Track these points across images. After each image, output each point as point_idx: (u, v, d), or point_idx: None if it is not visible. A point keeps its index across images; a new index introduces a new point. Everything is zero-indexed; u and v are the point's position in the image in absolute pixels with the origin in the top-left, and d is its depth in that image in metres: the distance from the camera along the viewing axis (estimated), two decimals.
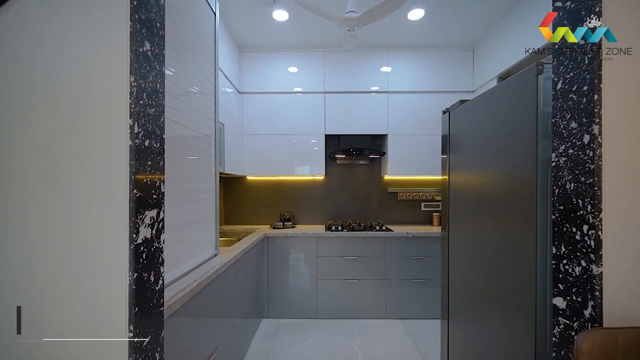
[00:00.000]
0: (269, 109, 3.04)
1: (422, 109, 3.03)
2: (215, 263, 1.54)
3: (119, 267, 0.79)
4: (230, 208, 3.35)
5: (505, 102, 1.24)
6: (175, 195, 1.19)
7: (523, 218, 1.12)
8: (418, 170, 3.02)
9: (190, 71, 1.30)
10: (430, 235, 2.70)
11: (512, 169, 1.20)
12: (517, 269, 1.15)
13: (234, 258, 1.80)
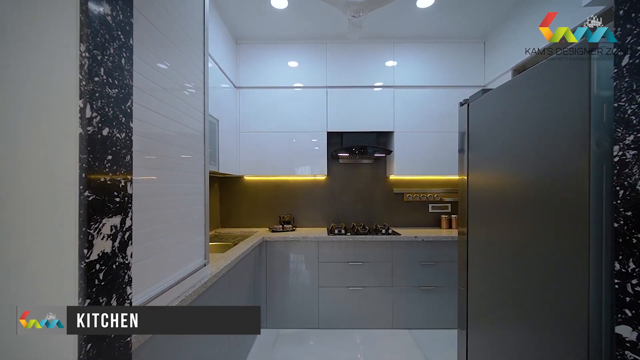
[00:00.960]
0: (268, 104, 2.86)
1: (430, 104, 2.85)
2: (205, 274, 1.35)
3: (65, 293, 0.60)
4: (226, 210, 3.17)
5: (541, 88, 1.06)
6: (155, 198, 1.01)
7: (567, 224, 0.94)
8: (426, 169, 2.84)
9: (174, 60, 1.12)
10: (441, 239, 2.52)
11: (551, 166, 1.01)
12: (560, 282, 0.97)
13: (227, 267, 1.62)
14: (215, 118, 2.28)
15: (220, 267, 1.54)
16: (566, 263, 0.95)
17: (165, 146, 1.07)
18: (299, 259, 2.57)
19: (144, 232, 0.95)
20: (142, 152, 0.94)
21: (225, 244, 2.42)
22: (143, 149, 0.94)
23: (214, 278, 1.41)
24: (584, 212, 0.87)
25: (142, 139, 0.94)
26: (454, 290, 2.52)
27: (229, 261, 1.70)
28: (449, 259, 2.54)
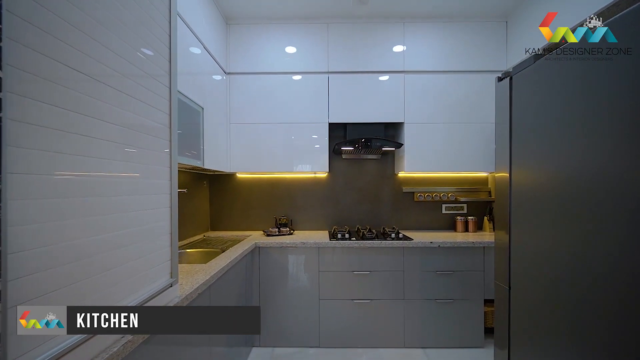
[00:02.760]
0: (262, 92, 2.54)
1: (445, 92, 2.52)
2: (171, 297, 1.03)
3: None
4: (217, 211, 2.85)
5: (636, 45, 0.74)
6: (92, 199, 0.69)
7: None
8: (440, 165, 2.52)
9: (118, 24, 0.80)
10: (461, 245, 2.19)
11: (634, 158, 0.69)
12: (632, 302, 0.65)
13: (206, 283, 1.30)
14: (199, 105, 1.96)
15: (197, 284, 1.22)
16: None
17: (105, 134, 0.75)
18: (297, 268, 2.24)
19: (59, 249, 0.63)
20: (70, 140, 0.62)
21: (213, 250, 2.10)
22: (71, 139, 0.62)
23: (186, 300, 1.09)
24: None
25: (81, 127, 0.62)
26: (476, 303, 2.20)
27: (211, 274, 1.38)
28: (469, 268, 2.22)
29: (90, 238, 0.71)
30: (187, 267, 1.52)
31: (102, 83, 0.76)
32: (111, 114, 0.78)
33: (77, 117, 0.68)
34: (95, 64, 0.73)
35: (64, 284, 0.65)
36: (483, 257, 2.21)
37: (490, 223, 2.72)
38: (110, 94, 0.78)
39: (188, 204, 2.41)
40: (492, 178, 2.80)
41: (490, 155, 2.51)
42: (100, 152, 0.74)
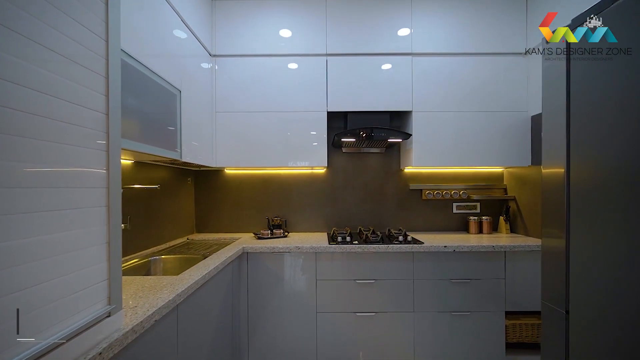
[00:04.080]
0: (252, 77, 2.25)
1: (457, 76, 2.24)
2: (108, 331, 0.74)
3: None
4: (203, 211, 2.56)
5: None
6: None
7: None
8: (453, 159, 2.23)
9: None
10: (479, 249, 1.91)
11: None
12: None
13: (169, 304, 1.01)
14: (175, 87, 1.67)
15: (154, 308, 0.93)
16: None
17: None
18: (291, 276, 1.96)
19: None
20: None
21: (192, 257, 1.81)
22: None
23: (133, 334, 0.80)
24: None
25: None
26: (497, 316, 1.93)
27: (178, 292, 1.09)
28: (488, 275, 1.94)
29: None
30: (152, 280, 1.24)
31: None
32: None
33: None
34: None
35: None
36: (504, 263, 1.94)
37: (507, 224, 2.44)
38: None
39: (168, 203, 2.12)
40: (509, 174, 2.52)
41: (506, 148, 2.23)
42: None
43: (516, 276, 1.93)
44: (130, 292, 1.09)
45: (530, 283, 1.93)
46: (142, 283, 1.21)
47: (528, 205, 2.27)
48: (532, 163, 2.22)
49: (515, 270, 1.93)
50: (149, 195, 1.90)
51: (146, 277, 1.28)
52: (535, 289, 1.93)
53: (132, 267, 1.60)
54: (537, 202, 2.15)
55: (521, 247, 1.90)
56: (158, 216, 2.00)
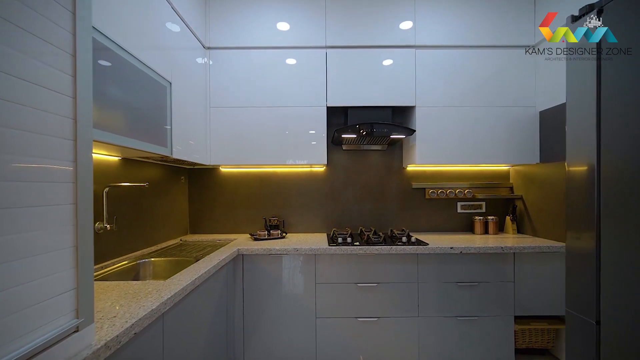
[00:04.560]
0: (249, 71, 2.15)
1: (463, 70, 2.15)
2: (75, 349, 0.64)
3: None
4: (197, 211, 2.45)
5: None
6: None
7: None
8: (458, 156, 2.14)
9: None
10: (487, 251, 1.82)
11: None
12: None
13: (152, 314, 0.91)
14: (165, 79, 1.57)
15: (134, 319, 0.83)
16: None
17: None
18: (289, 280, 1.86)
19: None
20: None
21: (184, 259, 1.71)
22: None
23: (106, 351, 0.70)
24: None
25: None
26: (505, 321, 1.83)
27: (164, 299, 0.99)
28: (497, 278, 1.84)
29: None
30: (136, 286, 1.13)
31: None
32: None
33: None
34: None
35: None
36: (513, 266, 1.84)
37: (514, 223, 2.35)
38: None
39: (160, 202, 2.02)
40: (515, 172, 2.43)
41: (513, 145, 2.14)
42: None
43: (526, 279, 1.84)
44: (111, 300, 0.99)
45: (540, 286, 1.84)
46: (125, 289, 1.10)
47: (536, 205, 2.17)
48: (541, 160, 2.13)
49: (525, 273, 1.84)
50: (138, 194, 1.80)
51: (131, 283, 1.18)
52: (546, 293, 1.83)
53: (118, 271, 1.49)
54: (547, 201, 2.06)
55: (531, 249, 1.80)
56: (149, 216, 1.90)
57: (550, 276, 1.83)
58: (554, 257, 1.83)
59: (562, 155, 1.94)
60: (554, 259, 1.83)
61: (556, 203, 1.98)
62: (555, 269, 1.83)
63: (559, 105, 1.96)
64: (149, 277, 1.67)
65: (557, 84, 1.97)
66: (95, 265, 1.44)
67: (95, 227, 1.45)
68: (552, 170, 2.03)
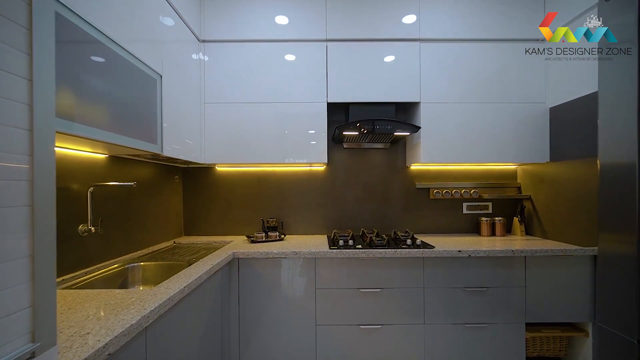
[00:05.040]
0: (245, 65, 2.05)
1: (471, 64, 2.05)
2: None
3: None
4: (192, 212, 2.35)
5: None
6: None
7: None
8: (464, 154, 2.04)
9: None
10: (497, 254, 1.72)
11: None
12: None
13: (131, 329, 0.81)
14: (154, 71, 1.47)
15: (109, 337, 0.73)
16: None
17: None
18: (288, 285, 1.75)
19: None
20: None
21: (177, 263, 1.61)
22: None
23: None
24: None
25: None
26: (516, 328, 1.73)
27: (146, 312, 0.89)
28: (507, 283, 1.74)
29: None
30: (119, 295, 1.03)
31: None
32: None
33: None
34: None
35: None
36: (525, 270, 1.74)
37: (522, 225, 2.25)
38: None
39: (152, 203, 1.92)
40: (523, 171, 2.33)
41: (522, 143, 2.04)
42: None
43: (538, 284, 1.74)
44: (87, 312, 0.89)
45: (553, 291, 1.74)
46: (107, 298, 1.00)
47: (546, 205, 2.08)
48: (551, 159, 2.03)
49: (537, 277, 1.74)
50: (128, 194, 1.70)
51: (114, 291, 1.08)
52: (559, 298, 1.73)
53: (104, 277, 1.39)
54: (557, 201, 1.96)
55: (543, 252, 1.71)
56: (139, 218, 1.80)
57: (564, 281, 1.73)
58: (568, 260, 1.73)
59: (574, 154, 1.84)
60: (567, 262, 1.73)
61: (567, 204, 1.88)
62: (568, 273, 1.73)
63: (572, 101, 1.86)
64: (139, 282, 1.57)
65: (569, 78, 1.88)
66: (78, 271, 1.34)
67: (79, 230, 1.35)
68: (563, 169, 1.93)
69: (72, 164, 1.33)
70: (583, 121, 1.78)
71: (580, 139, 1.80)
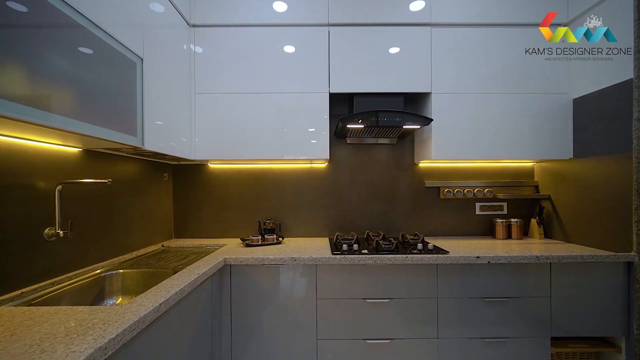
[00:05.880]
0: (240, 52, 1.87)
1: (487, 52, 1.87)
2: None
3: None
4: (183, 213, 2.17)
5: None
6: None
7: None
8: (481, 150, 1.87)
9: None
10: (520, 261, 1.53)
11: None
12: None
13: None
14: (134, 53, 1.29)
15: None
16: None
17: None
18: (285, 294, 1.57)
19: None
20: None
21: (161, 271, 1.43)
22: None
23: None
24: None
25: None
26: (540, 343, 1.56)
27: (100, 345, 0.71)
28: (530, 293, 1.56)
29: None
30: (81, 314, 0.85)
31: None
32: None
33: None
34: None
35: None
36: (550, 278, 1.56)
37: (540, 227, 2.07)
38: None
39: (137, 203, 1.74)
40: (541, 169, 2.15)
41: (541, 138, 1.87)
42: None
43: (564, 293, 1.56)
44: (32, 342, 0.71)
45: (581, 302, 1.56)
46: (64, 319, 0.82)
47: (569, 206, 1.90)
48: (575, 155, 1.85)
49: (563, 286, 1.56)
50: (108, 193, 1.52)
51: (76, 309, 0.90)
52: (588, 309, 1.56)
53: (75, 289, 1.21)
54: (583, 202, 1.79)
55: (572, 258, 1.53)
56: (122, 219, 1.62)
57: (593, 290, 1.55)
58: (598, 267, 1.55)
59: (603, 150, 1.66)
60: (597, 269, 1.56)
61: (594, 204, 1.70)
62: (599, 282, 1.55)
63: (599, 91, 1.68)
64: (118, 292, 1.39)
65: (595, 66, 1.70)
66: (43, 282, 1.16)
67: (45, 234, 1.17)
68: (589, 167, 1.75)
69: (36, 158, 1.16)
70: (613, 113, 1.60)
71: (610, 133, 1.62)
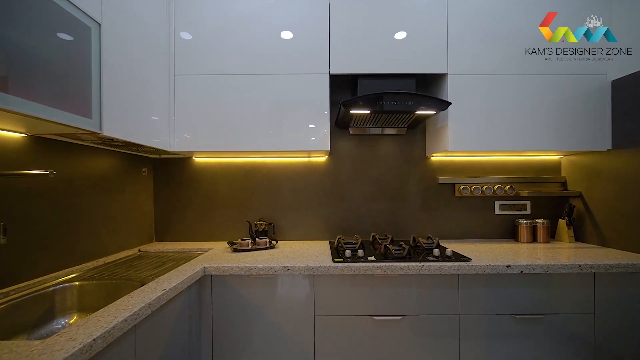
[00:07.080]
0: (227, 26, 1.62)
1: (511, 25, 1.61)
2: None
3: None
4: (165, 213, 1.93)
5: None
6: None
7: None
8: (504, 141, 1.61)
9: None
10: (558, 270, 1.28)
11: None
12: None
13: None
14: (88, 16, 1.04)
15: None
16: None
17: None
18: (277, 310, 1.32)
19: None
20: None
21: (128, 282, 1.18)
22: None
23: None
24: None
25: None
26: None
27: None
28: (569, 309, 1.31)
29: None
30: None
31: None
32: None
33: None
34: None
35: None
36: (594, 290, 1.31)
37: (570, 229, 1.82)
38: None
39: (108, 201, 1.49)
40: (570, 162, 1.90)
41: (572, 127, 1.62)
42: None
43: (610, 309, 1.31)
44: None
45: (630, 319, 1.31)
46: None
47: (606, 205, 1.64)
48: (614, 147, 1.60)
49: (609, 300, 1.31)
50: (66, 191, 1.27)
51: None
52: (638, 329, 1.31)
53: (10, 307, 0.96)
54: (624, 200, 1.53)
55: (623, 267, 1.28)
56: (87, 221, 1.37)
57: None
58: None
59: None
60: None
61: (636, 203, 1.45)
62: None
63: None
64: (72, 310, 1.15)
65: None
66: None
67: None
68: (630, 160, 1.50)
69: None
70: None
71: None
